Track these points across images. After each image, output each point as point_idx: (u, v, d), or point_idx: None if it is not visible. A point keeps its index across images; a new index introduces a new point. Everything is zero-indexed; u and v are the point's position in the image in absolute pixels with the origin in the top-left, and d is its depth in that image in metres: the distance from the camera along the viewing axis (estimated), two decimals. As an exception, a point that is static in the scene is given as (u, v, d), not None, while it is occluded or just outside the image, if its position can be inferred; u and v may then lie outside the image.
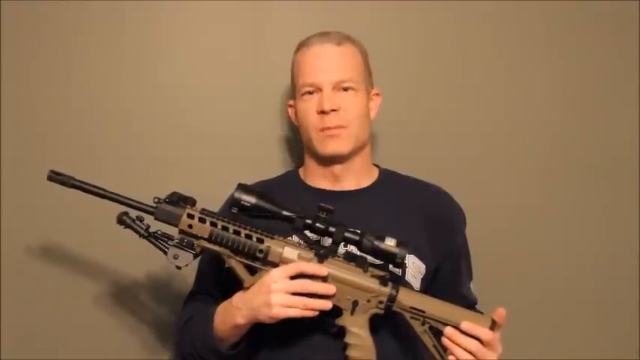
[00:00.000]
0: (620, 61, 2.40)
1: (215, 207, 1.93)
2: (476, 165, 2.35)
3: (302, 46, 1.98)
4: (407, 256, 1.86)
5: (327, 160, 1.95)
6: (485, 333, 1.71)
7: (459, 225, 2.03)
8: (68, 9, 2.19)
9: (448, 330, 1.71)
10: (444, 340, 1.72)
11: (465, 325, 1.71)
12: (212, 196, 1.95)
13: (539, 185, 2.38)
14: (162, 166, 2.22)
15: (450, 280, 1.98)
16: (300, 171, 2.06)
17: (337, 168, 1.95)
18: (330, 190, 1.97)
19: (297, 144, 2.18)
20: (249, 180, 2.00)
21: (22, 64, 2.18)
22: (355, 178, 1.98)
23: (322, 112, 1.89)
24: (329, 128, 1.90)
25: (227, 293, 1.79)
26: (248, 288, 1.72)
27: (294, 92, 1.99)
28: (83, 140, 2.20)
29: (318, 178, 1.99)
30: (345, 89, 1.91)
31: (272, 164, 2.22)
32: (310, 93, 1.92)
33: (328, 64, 1.92)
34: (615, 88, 2.40)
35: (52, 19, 2.19)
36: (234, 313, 1.73)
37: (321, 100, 1.89)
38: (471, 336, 1.71)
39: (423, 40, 2.34)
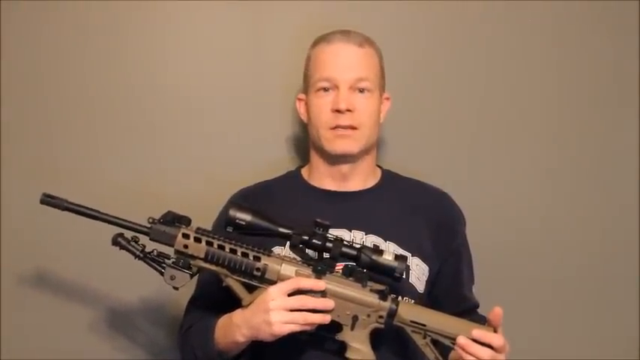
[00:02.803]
0: (620, 61, 2.35)
1: (219, 207, 1.93)
2: (477, 166, 2.31)
3: (322, 40, 1.93)
4: (410, 258, 1.85)
5: (335, 159, 1.91)
6: (497, 339, 1.66)
7: (460, 226, 2.00)
8: (67, 10, 2.15)
9: (461, 340, 1.65)
10: (457, 351, 1.67)
11: (477, 334, 1.66)
12: (214, 197, 1.94)
13: (540, 186, 2.33)
14: (165, 166, 2.19)
15: (451, 281, 1.94)
16: (303, 171, 2.02)
17: (345, 168, 1.92)
18: (334, 191, 1.94)
19: (301, 143, 2.15)
20: (251, 180, 2.00)
21: (21, 69, 2.15)
22: (361, 178, 1.95)
23: (337, 111, 1.85)
24: (341, 127, 1.85)
25: (228, 297, 1.74)
26: (247, 306, 1.68)
27: (306, 86, 1.95)
28: (84, 141, 2.17)
29: (323, 178, 1.95)
30: (361, 90, 1.88)
31: (275, 164, 2.16)
32: (325, 90, 1.88)
33: (348, 62, 1.89)
34: (615, 88, 2.35)
35: (52, 20, 2.15)
36: (234, 331, 1.70)
37: (337, 99, 1.86)
38: (483, 344, 1.65)
39: (426, 42, 2.30)
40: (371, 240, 1.85)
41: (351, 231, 1.86)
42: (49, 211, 1.70)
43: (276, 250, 1.76)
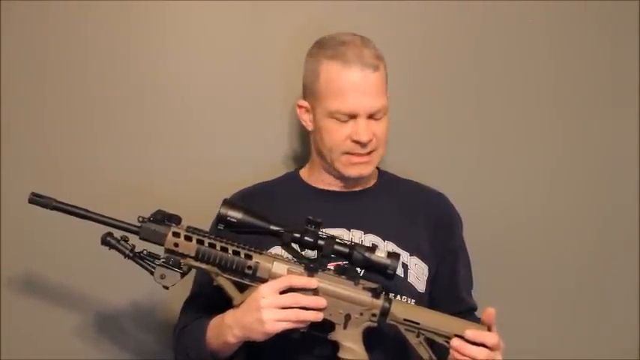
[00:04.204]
0: (620, 61, 2.31)
1: (216, 208, 1.85)
2: (475, 168, 2.28)
3: (336, 58, 1.81)
4: (409, 257, 1.84)
5: (346, 178, 1.89)
6: (491, 337, 1.61)
7: (457, 228, 1.98)
8: (66, 10, 2.12)
9: (455, 342, 1.61)
10: (452, 353, 1.62)
11: (470, 334, 1.61)
12: (212, 198, 1.85)
13: (539, 187, 2.30)
14: (163, 166, 2.16)
15: (448, 282, 1.91)
16: (302, 172, 1.99)
17: (351, 181, 1.90)
18: (333, 191, 1.91)
19: (300, 144, 2.13)
20: (249, 181, 1.97)
21: (19, 68, 2.11)
22: (362, 182, 1.93)
23: (357, 142, 1.81)
24: (360, 155, 1.83)
25: (224, 298, 1.70)
26: (238, 306, 1.64)
27: (312, 99, 1.87)
28: (83, 141, 2.13)
29: (325, 182, 1.93)
30: (377, 118, 1.83)
31: (273, 165, 2.13)
32: (344, 120, 1.81)
33: (367, 92, 1.80)
34: (615, 88, 2.32)
35: (51, 20, 2.12)
36: (225, 332, 1.66)
37: (359, 130, 1.80)
38: (477, 344, 1.61)
39: (423, 43, 2.26)
40: (370, 239, 1.83)
41: (350, 230, 1.83)
42: (39, 210, 1.67)
43: (276, 250, 1.73)
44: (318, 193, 1.91)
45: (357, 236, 1.82)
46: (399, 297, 1.76)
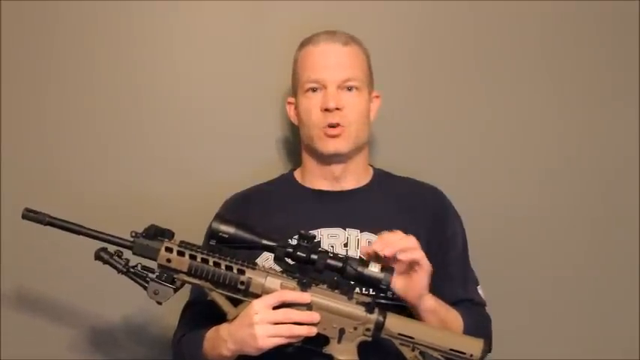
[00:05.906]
0: (620, 61, 2.28)
1: (211, 210, 1.84)
2: (475, 166, 2.25)
3: (307, 43, 1.91)
4: None
5: (327, 159, 1.88)
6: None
7: (450, 221, 1.94)
8: (66, 10, 2.12)
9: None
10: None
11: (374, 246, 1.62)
12: (212, 197, 1.91)
13: (539, 186, 2.27)
14: (157, 169, 2.15)
15: (441, 275, 1.82)
16: (296, 173, 1.98)
17: (337, 168, 1.89)
18: (327, 191, 1.90)
19: (293, 146, 2.12)
20: (244, 183, 1.97)
21: (19, 71, 2.11)
22: (354, 178, 1.92)
23: (326, 110, 1.82)
24: (331, 127, 1.83)
25: None
26: (232, 320, 1.61)
27: (295, 89, 1.92)
28: (82, 142, 2.13)
29: (317, 179, 1.92)
30: (349, 89, 1.85)
31: (268, 167, 2.11)
32: (314, 90, 1.86)
33: (335, 62, 1.86)
34: (615, 88, 2.28)
35: (52, 20, 2.13)
36: (220, 345, 1.65)
37: (326, 98, 1.83)
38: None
39: (421, 41, 2.24)
40: (366, 237, 1.82)
41: (345, 229, 1.83)
42: (33, 224, 1.63)
43: (266, 255, 1.72)
44: (313, 194, 1.90)
45: (353, 235, 1.81)
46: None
